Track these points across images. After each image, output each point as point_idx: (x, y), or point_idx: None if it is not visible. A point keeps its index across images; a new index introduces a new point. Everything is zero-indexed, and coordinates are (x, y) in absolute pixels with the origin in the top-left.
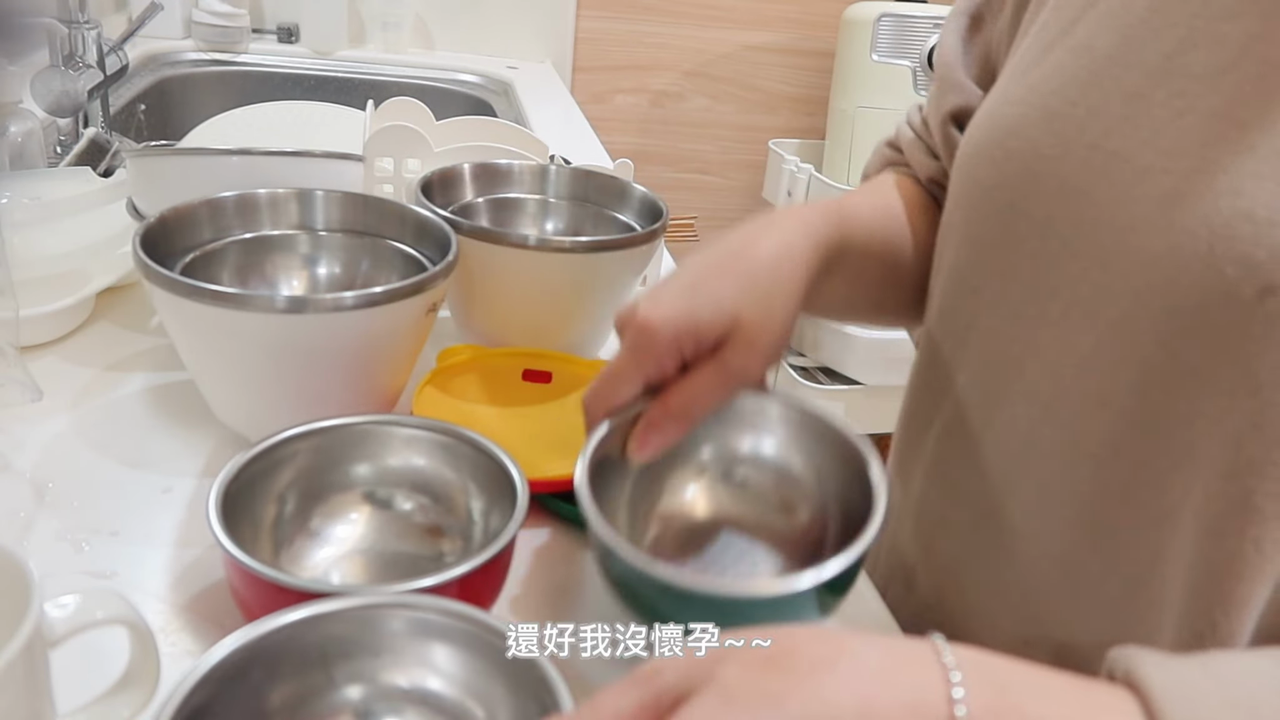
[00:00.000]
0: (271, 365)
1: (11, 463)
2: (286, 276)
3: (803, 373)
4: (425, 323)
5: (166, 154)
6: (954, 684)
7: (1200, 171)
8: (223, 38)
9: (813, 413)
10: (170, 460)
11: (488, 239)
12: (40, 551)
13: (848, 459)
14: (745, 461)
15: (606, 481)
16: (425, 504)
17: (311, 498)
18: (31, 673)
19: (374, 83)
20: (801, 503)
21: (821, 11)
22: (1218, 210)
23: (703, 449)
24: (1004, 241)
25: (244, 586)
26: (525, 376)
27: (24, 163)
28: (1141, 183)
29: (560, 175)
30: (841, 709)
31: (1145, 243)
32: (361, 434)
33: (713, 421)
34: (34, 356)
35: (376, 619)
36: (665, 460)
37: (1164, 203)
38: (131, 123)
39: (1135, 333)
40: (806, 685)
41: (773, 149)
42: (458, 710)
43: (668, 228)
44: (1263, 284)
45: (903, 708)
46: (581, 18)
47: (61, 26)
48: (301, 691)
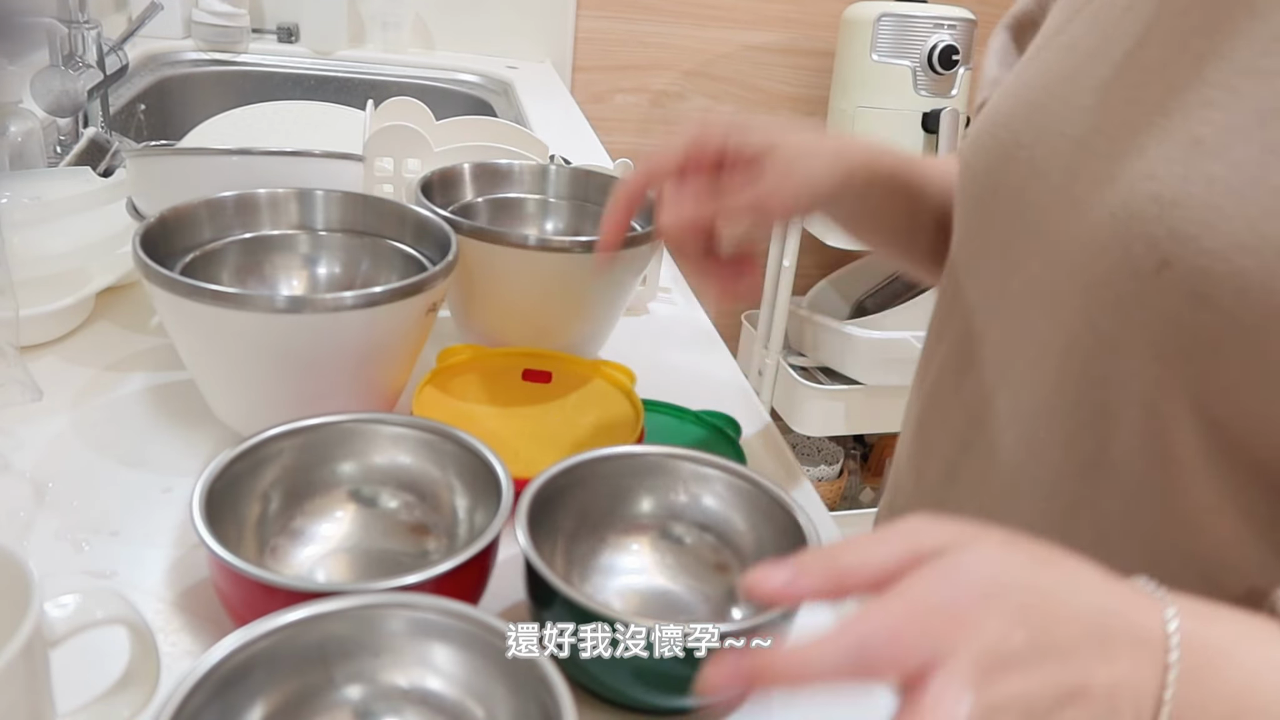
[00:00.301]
0: (271, 365)
1: (11, 463)
2: (286, 276)
3: (803, 372)
4: (425, 323)
5: (166, 154)
6: (1164, 606)
7: (1129, 155)
8: (223, 37)
9: (754, 479)
10: (170, 460)
11: (487, 239)
12: (40, 551)
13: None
14: (684, 520)
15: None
16: (410, 502)
17: (296, 496)
18: (31, 672)
19: (374, 83)
20: (736, 564)
21: (821, 11)
22: (1134, 192)
23: (643, 505)
24: (985, 222)
25: (228, 585)
26: (525, 376)
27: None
28: (1087, 166)
29: (560, 175)
30: (1092, 583)
31: (1079, 221)
32: (346, 432)
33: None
34: (34, 356)
35: (376, 619)
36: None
37: (1097, 184)
38: (131, 123)
39: (1063, 304)
40: (1067, 560)
41: None
42: (458, 710)
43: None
44: (1161, 258)
45: (1129, 595)
46: (581, 18)
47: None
48: (301, 691)
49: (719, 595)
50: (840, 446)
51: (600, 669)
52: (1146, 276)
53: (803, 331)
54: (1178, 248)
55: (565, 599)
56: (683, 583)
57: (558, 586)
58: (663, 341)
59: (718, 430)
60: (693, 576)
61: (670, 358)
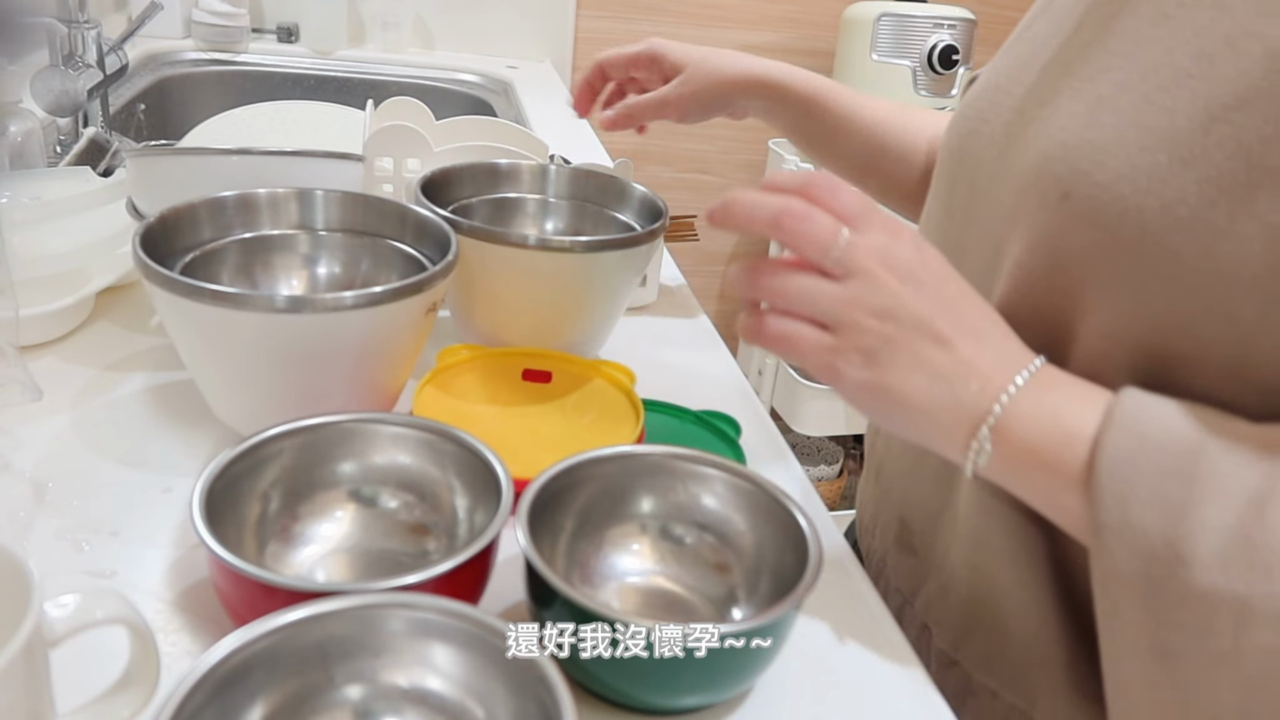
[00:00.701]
0: (271, 365)
1: (11, 463)
2: (286, 276)
3: (803, 372)
4: (425, 323)
5: (166, 154)
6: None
7: (1051, 115)
8: (222, 37)
9: (755, 479)
10: (170, 460)
11: (487, 239)
12: (40, 551)
13: (786, 527)
14: (684, 520)
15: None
16: (410, 502)
17: (296, 496)
18: (31, 672)
19: (374, 83)
20: (736, 564)
21: (821, 11)
22: (1049, 141)
23: (643, 505)
24: (951, 190)
25: (228, 585)
26: (525, 376)
27: (24, 162)
28: (1021, 129)
29: (560, 175)
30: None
31: (1011, 171)
32: (346, 432)
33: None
34: (34, 356)
35: (376, 619)
36: (605, 515)
37: (1026, 141)
38: (131, 122)
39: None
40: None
41: (773, 149)
42: (458, 710)
43: (668, 227)
44: (1063, 191)
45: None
46: (581, 18)
47: (61, 26)
48: (301, 691)
49: (719, 595)
50: (840, 446)
51: (600, 669)
52: (1053, 207)
53: None
54: (1075, 181)
55: (565, 599)
56: (683, 583)
57: (558, 586)
58: (663, 341)
59: (718, 430)
60: (693, 576)
61: (670, 358)
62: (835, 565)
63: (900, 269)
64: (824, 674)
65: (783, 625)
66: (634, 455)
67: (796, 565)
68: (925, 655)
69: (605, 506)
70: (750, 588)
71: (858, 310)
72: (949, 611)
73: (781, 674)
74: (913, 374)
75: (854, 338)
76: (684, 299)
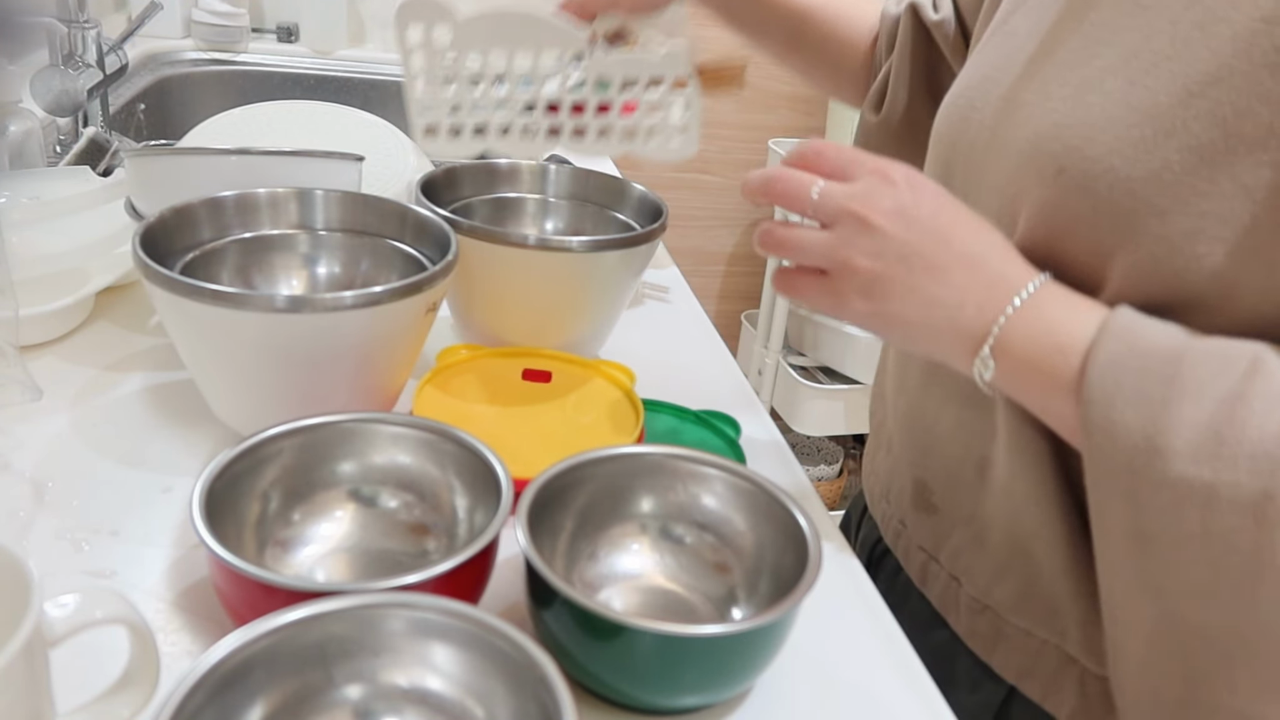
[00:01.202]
0: (271, 365)
1: (11, 463)
2: (286, 276)
3: (803, 372)
4: (425, 322)
5: (166, 154)
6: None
7: (1041, 100)
8: (222, 37)
9: (754, 479)
10: (170, 460)
11: (487, 238)
12: (40, 551)
13: (786, 527)
14: (684, 520)
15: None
16: (410, 501)
17: (296, 495)
18: (31, 672)
19: (374, 83)
20: (736, 564)
21: None
22: (1042, 123)
23: (643, 505)
24: (947, 174)
25: (227, 585)
26: (525, 376)
27: (23, 162)
28: (1012, 114)
29: (560, 175)
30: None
31: (1004, 152)
32: (346, 432)
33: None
34: (34, 356)
35: (376, 618)
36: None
37: (1018, 124)
38: (131, 122)
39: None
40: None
41: (772, 149)
42: (458, 710)
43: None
44: (1058, 166)
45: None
46: None
47: (61, 26)
48: (301, 691)
49: (719, 595)
50: (840, 446)
51: (600, 669)
52: (1049, 182)
53: (803, 331)
54: (1069, 157)
55: (565, 599)
56: (683, 582)
57: (558, 586)
58: (663, 341)
59: (718, 430)
60: (693, 576)
61: (670, 358)
62: (835, 565)
63: (884, 208)
64: (824, 674)
65: (782, 625)
66: (634, 455)
67: (796, 565)
68: (954, 606)
69: (605, 506)
70: (750, 587)
71: (847, 251)
72: (981, 559)
73: (781, 674)
74: (909, 303)
75: (848, 277)
76: (684, 299)
